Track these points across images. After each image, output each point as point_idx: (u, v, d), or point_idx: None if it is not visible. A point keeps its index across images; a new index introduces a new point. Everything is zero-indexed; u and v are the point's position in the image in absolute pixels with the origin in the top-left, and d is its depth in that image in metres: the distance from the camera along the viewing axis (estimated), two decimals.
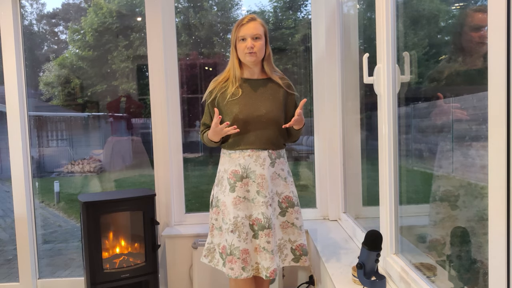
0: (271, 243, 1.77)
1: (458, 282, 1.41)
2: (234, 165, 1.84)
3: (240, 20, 1.82)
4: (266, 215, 1.77)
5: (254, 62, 1.83)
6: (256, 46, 1.78)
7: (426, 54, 1.83)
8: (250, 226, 1.80)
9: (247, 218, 1.80)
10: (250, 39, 1.78)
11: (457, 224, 1.53)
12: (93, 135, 3.53)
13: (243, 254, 1.76)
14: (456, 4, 1.74)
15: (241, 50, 1.81)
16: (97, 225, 2.25)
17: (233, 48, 1.85)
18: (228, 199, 1.82)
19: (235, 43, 1.83)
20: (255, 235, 1.80)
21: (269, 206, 1.79)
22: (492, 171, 0.88)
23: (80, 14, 3.41)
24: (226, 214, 1.82)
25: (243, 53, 1.81)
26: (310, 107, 2.76)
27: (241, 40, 1.80)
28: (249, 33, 1.78)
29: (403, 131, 1.65)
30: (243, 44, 1.80)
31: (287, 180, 1.89)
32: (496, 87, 0.85)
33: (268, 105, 1.83)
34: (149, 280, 2.37)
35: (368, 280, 1.43)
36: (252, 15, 1.84)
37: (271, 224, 1.78)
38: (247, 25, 1.79)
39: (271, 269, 1.74)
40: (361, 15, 2.46)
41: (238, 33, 1.81)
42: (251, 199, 1.81)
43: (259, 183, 1.80)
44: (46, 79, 3.43)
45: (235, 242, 1.77)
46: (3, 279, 2.83)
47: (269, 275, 1.74)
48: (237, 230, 1.77)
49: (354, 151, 2.56)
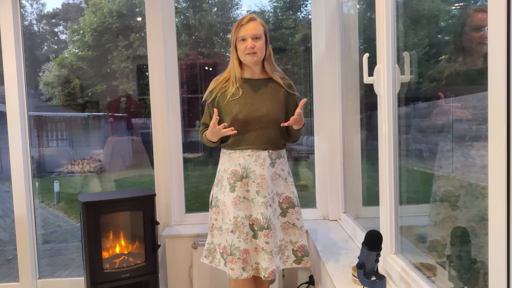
0: (270, 243, 1.76)
1: (458, 282, 1.41)
2: (234, 165, 1.84)
3: (240, 20, 1.82)
4: (266, 216, 1.77)
5: (255, 62, 1.83)
6: (257, 46, 1.78)
7: (426, 54, 1.83)
8: (250, 226, 1.80)
9: (247, 218, 1.80)
10: (250, 39, 1.78)
11: (457, 224, 1.53)
12: (93, 135, 3.53)
13: (243, 254, 1.76)
14: (456, 4, 1.74)
15: (241, 51, 1.81)
16: (97, 225, 2.25)
17: (233, 48, 1.84)
18: (228, 199, 1.82)
19: (235, 44, 1.83)
20: (255, 235, 1.80)
21: (268, 207, 1.79)
22: (492, 171, 0.88)
23: (80, 14, 3.41)
24: (226, 214, 1.82)
25: (243, 53, 1.80)
26: (310, 107, 2.76)
27: (241, 40, 1.80)
28: (249, 33, 1.78)
29: (403, 131, 1.65)
30: (243, 45, 1.79)
31: (287, 181, 1.89)
32: (496, 87, 0.85)
33: (268, 105, 1.83)
34: (149, 280, 2.37)
35: (368, 280, 1.43)
36: (252, 15, 1.83)
37: (270, 225, 1.78)
38: (247, 25, 1.79)
39: (269, 270, 1.74)
40: (361, 15, 2.46)
41: (238, 33, 1.80)
42: (250, 199, 1.81)
43: (259, 183, 1.79)
44: (46, 79, 3.43)
45: (235, 242, 1.77)
46: (3, 279, 2.83)
47: (268, 276, 1.73)
48: (237, 230, 1.77)
49: (354, 151, 2.56)
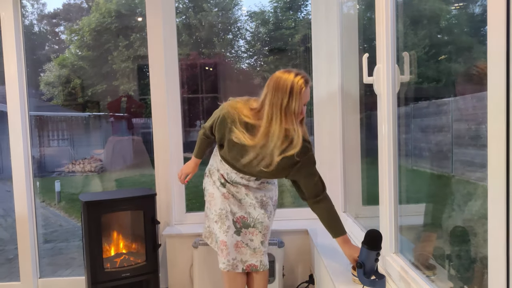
0: (255, 241, 1.90)
1: (457, 282, 1.42)
2: (223, 169, 1.93)
3: (299, 85, 1.57)
4: (253, 216, 1.90)
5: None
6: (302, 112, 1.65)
7: (426, 54, 1.84)
8: (233, 222, 1.90)
9: (232, 214, 1.90)
10: (304, 107, 1.65)
11: (456, 224, 1.53)
12: (94, 135, 3.54)
13: (221, 245, 1.88)
14: (456, 4, 1.75)
15: (298, 114, 1.62)
16: (98, 225, 2.26)
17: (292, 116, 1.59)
18: (217, 191, 1.93)
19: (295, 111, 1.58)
20: (237, 232, 1.90)
21: (257, 208, 1.90)
22: (491, 171, 0.89)
23: (81, 14, 3.41)
24: (213, 205, 1.94)
25: (299, 118, 1.63)
26: (310, 107, 2.76)
27: (304, 106, 1.64)
28: (306, 101, 1.64)
29: (403, 131, 1.66)
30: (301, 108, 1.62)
31: (266, 209, 1.94)
32: (496, 87, 0.86)
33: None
34: (150, 279, 2.37)
35: (368, 279, 1.43)
36: (307, 77, 1.63)
37: (256, 225, 1.90)
38: (307, 90, 1.62)
39: (248, 263, 1.87)
40: (361, 15, 2.46)
41: (302, 100, 1.60)
42: (239, 199, 1.93)
43: (247, 187, 1.92)
44: (47, 79, 3.44)
45: (217, 232, 1.90)
46: (4, 279, 2.84)
47: (245, 268, 1.87)
48: (220, 221, 1.89)
49: (354, 150, 2.56)
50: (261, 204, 1.93)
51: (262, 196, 1.94)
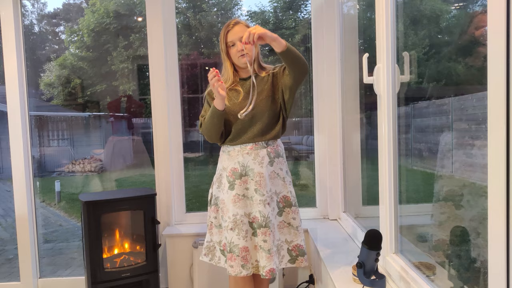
0: (268, 242, 1.78)
1: (457, 282, 1.42)
2: (233, 163, 1.86)
3: (225, 26, 1.87)
4: (264, 214, 1.79)
5: (249, 63, 1.84)
6: (247, 48, 1.81)
7: (426, 54, 1.84)
8: (249, 224, 1.82)
9: (246, 215, 1.82)
10: (239, 42, 1.83)
11: (457, 224, 1.53)
12: (94, 135, 3.54)
13: (242, 251, 1.78)
14: (456, 4, 1.75)
15: (234, 55, 1.86)
16: (98, 225, 2.26)
17: (225, 56, 1.89)
18: (227, 196, 1.85)
19: (226, 51, 1.88)
20: (255, 233, 1.82)
21: (267, 205, 1.80)
22: (491, 170, 0.89)
23: (80, 14, 3.42)
24: (225, 212, 1.84)
25: (236, 57, 1.86)
26: (310, 107, 2.76)
27: (231, 46, 1.86)
28: (237, 37, 1.83)
29: (403, 131, 1.66)
30: (234, 49, 1.85)
31: (285, 180, 1.90)
32: (496, 87, 0.86)
33: (257, 100, 1.85)
34: (150, 279, 2.37)
35: (368, 279, 1.43)
36: (236, 19, 1.90)
37: (268, 223, 1.79)
38: (233, 29, 1.85)
39: (267, 268, 1.75)
40: (361, 15, 2.46)
41: (227, 39, 1.86)
42: (249, 197, 1.84)
43: (257, 181, 1.81)
44: (47, 79, 3.44)
45: (235, 240, 1.79)
46: (4, 279, 2.84)
47: (265, 274, 1.75)
48: (237, 228, 1.79)
49: (354, 150, 2.56)
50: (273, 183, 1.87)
51: (272, 172, 1.87)
